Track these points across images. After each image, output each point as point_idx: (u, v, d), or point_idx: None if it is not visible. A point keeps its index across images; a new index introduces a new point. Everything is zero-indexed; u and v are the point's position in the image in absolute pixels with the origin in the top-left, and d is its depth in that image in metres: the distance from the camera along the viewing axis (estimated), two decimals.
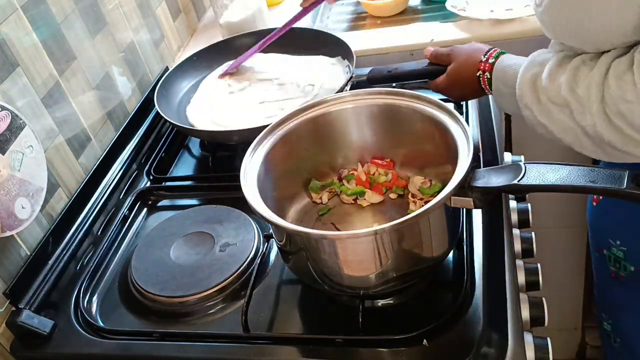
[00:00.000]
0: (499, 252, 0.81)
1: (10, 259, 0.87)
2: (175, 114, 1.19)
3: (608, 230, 0.93)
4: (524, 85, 0.78)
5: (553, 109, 0.75)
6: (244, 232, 0.91)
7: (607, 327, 1.06)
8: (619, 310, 1.01)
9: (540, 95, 0.76)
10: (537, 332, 0.79)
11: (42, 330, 0.82)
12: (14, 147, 0.85)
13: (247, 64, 1.28)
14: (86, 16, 1.10)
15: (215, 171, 1.10)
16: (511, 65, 0.82)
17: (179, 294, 0.84)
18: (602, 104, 0.69)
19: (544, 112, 0.76)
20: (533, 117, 0.78)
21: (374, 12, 1.46)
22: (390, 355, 0.71)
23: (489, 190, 0.69)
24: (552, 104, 0.75)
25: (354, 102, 0.87)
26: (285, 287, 0.85)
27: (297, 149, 0.87)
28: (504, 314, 0.73)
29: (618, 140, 0.69)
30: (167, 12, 1.42)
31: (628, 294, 0.96)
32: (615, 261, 0.93)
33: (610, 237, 0.92)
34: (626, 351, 1.03)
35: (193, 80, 1.29)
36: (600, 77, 0.70)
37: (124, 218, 1.02)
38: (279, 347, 0.75)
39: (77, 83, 1.06)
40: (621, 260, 0.92)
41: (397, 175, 0.89)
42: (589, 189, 0.66)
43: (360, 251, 0.69)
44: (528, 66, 0.79)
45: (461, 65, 0.90)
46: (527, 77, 0.78)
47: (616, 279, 0.95)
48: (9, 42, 0.90)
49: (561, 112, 0.74)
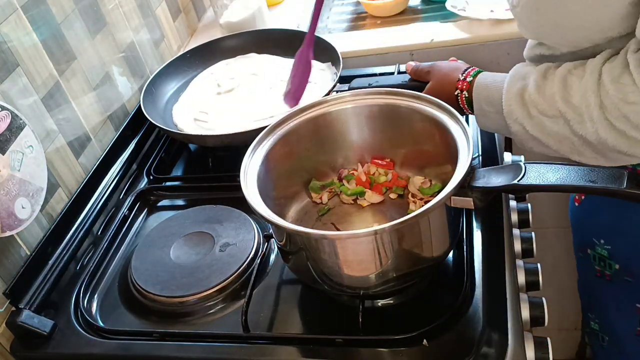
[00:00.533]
0: (499, 252, 0.82)
1: (10, 259, 0.87)
2: (162, 112, 1.19)
3: (592, 229, 0.93)
4: (511, 100, 0.77)
5: (546, 122, 0.74)
6: (244, 232, 0.91)
7: (594, 326, 1.05)
8: (606, 309, 1.01)
9: (531, 109, 0.75)
10: (537, 332, 0.79)
11: (42, 330, 0.82)
12: (14, 147, 0.85)
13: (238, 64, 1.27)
14: (86, 16, 1.10)
15: (215, 171, 1.10)
16: (493, 83, 0.81)
17: (179, 294, 0.84)
18: (601, 109, 0.69)
19: (537, 126, 0.75)
20: (524, 132, 0.77)
21: (374, 12, 1.46)
22: (390, 355, 0.71)
23: (489, 190, 0.69)
24: (544, 117, 0.74)
25: (354, 102, 0.87)
26: (285, 287, 0.85)
27: (297, 149, 0.87)
28: (504, 314, 0.73)
29: (623, 144, 0.69)
30: (167, 12, 1.42)
31: (614, 292, 0.96)
32: (600, 260, 0.93)
33: (594, 236, 0.92)
34: (615, 349, 1.03)
35: (185, 78, 1.29)
36: (594, 84, 0.70)
37: (124, 218, 1.02)
38: (279, 347, 0.75)
39: (77, 83, 1.06)
40: (606, 259, 0.92)
41: (397, 175, 0.89)
42: (589, 189, 0.66)
43: (360, 251, 0.69)
44: (511, 81, 0.78)
45: (439, 83, 0.89)
46: (512, 92, 0.77)
47: (601, 278, 0.95)
48: (9, 42, 0.90)
49: (555, 124, 0.74)
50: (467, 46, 1.25)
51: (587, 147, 0.73)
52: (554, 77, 0.74)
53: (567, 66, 0.74)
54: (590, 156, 0.74)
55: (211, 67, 1.30)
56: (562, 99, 0.72)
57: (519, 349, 0.72)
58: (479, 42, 1.24)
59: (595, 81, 0.70)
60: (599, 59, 0.71)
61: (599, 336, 1.06)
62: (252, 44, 1.32)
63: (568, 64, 0.74)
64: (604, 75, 0.69)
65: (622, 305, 0.96)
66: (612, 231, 0.89)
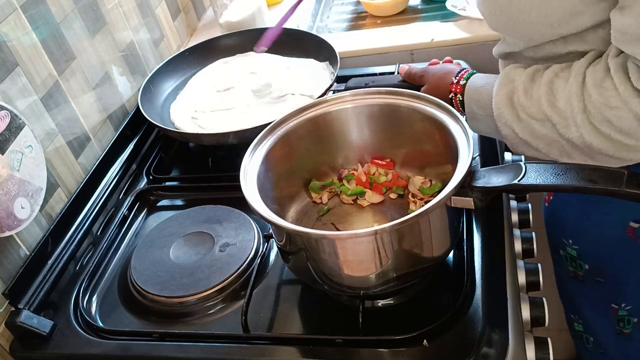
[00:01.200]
0: (499, 252, 0.81)
1: (10, 259, 0.87)
2: (159, 110, 1.19)
3: (561, 230, 0.93)
4: (500, 104, 0.77)
5: (534, 125, 0.75)
6: (244, 232, 0.91)
7: (578, 327, 1.05)
8: (585, 309, 1.01)
9: (520, 112, 0.75)
10: (537, 332, 0.79)
11: (41, 330, 0.82)
12: (14, 147, 0.85)
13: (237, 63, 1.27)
14: (86, 16, 1.10)
15: (215, 171, 1.10)
16: (484, 85, 0.82)
17: (179, 294, 0.84)
18: (585, 114, 0.69)
19: (526, 129, 0.76)
20: (514, 135, 0.77)
21: (374, 12, 1.46)
22: (390, 355, 0.71)
23: (489, 190, 0.69)
24: (533, 120, 0.74)
25: (354, 102, 0.87)
26: (285, 287, 0.85)
27: (297, 149, 0.87)
28: (504, 314, 0.73)
29: (609, 147, 0.70)
30: (167, 11, 1.42)
31: (588, 293, 0.96)
32: (572, 260, 0.93)
33: (563, 237, 0.92)
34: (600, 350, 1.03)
35: (183, 76, 1.29)
36: (579, 88, 0.70)
37: (124, 218, 1.02)
38: (279, 347, 0.75)
39: (77, 83, 1.06)
40: (576, 259, 0.92)
41: (397, 175, 0.88)
42: (589, 189, 0.65)
43: (360, 251, 0.69)
44: (500, 85, 0.78)
45: (433, 87, 0.89)
46: (502, 95, 0.77)
47: (575, 279, 0.95)
48: (9, 41, 0.90)
49: (543, 127, 0.74)
50: (467, 46, 1.25)
51: (575, 150, 0.73)
52: (540, 80, 0.74)
53: (555, 69, 0.74)
54: (579, 159, 0.74)
55: (209, 66, 1.30)
56: (548, 103, 0.72)
57: (519, 350, 0.72)
58: (479, 42, 1.24)
59: (580, 85, 0.70)
60: (583, 62, 0.72)
61: (584, 337, 1.05)
62: (250, 43, 1.32)
63: (555, 67, 0.74)
64: (588, 79, 0.70)
65: (598, 306, 0.96)
66: (578, 230, 0.90)
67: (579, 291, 0.98)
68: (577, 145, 0.72)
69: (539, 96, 0.73)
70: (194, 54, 1.31)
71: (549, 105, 0.72)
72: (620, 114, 0.67)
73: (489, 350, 0.69)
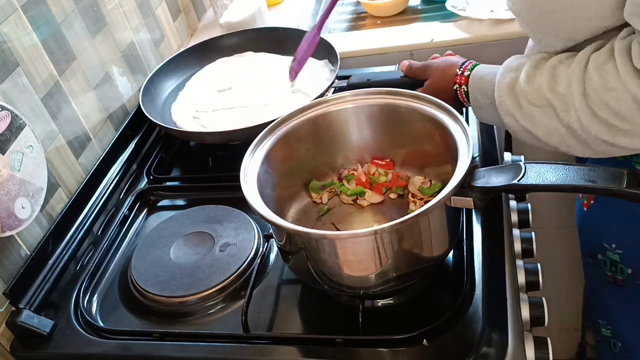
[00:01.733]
0: (499, 252, 0.81)
1: (10, 259, 0.87)
2: (160, 110, 1.19)
3: (602, 234, 0.92)
4: (502, 91, 0.77)
5: (535, 112, 0.75)
6: (244, 232, 0.91)
7: (606, 332, 1.05)
8: (619, 315, 1.00)
9: (521, 100, 0.76)
10: (537, 332, 0.79)
11: (42, 330, 0.82)
12: (14, 147, 0.85)
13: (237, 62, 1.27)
14: (86, 16, 1.10)
15: (215, 171, 1.10)
16: (487, 74, 0.82)
17: (179, 294, 0.84)
18: (584, 97, 0.69)
19: (526, 117, 0.76)
20: (515, 123, 0.78)
21: (374, 12, 1.46)
22: (390, 355, 0.71)
23: (489, 190, 0.69)
24: (534, 107, 0.74)
25: (354, 102, 0.87)
26: (285, 287, 0.85)
27: (297, 149, 0.87)
28: (504, 314, 0.73)
29: (605, 132, 0.69)
30: (167, 12, 1.42)
31: (626, 297, 0.95)
32: (612, 265, 0.93)
33: (604, 241, 0.92)
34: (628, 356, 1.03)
35: (183, 76, 1.29)
36: (580, 72, 0.70)
37: (124, 218, 1.02)
38: (279, 347, 0.75)
39: (77, 83, 1.06)
40: (617, 264, 0.92)
41: (397, 175, 0.89)
42: (589, 188, 0.66)
43: (360, 251, 0.69)
44: (504, 72, 0.78)
45: (437, 80, 0.90)
46: (504, 83, 0.77)
47: (613, 283, 0.95)
48: (9, 42, 0.90)
49: (543, 114, 0.74)
50: (467, 46, 1.25)
51: (574, 139, 0.73)
52: (544, 67, 0.74)
53: (560, 56, 0.74)
54: (577, 148, 0.74)
55: (209, 65, 1.30)
56: (549, 87, 0.72)
57: (519, 349, 0.72)
58: (479, 42, 1.24)
59: (582, 69, 0.70)
60: (588, 48, 0.71)
61: (611, 342, 1.05)
62: (250, 42, 1.32)
63: (560, 55, 0.74)
64: (590, 63, 0.69)
65: (635, 310, 0.96)
66: (623, 235, 0.89)
67: (616, 296, 0.97)
68: (576, 130, 0.72)
69: (540, 82, 0.73)
70: (194, 54, 1.31)
71: (549, 90, 0.72)
72: (618, 95, 0.66)
73: (488, 350, 0.69)
